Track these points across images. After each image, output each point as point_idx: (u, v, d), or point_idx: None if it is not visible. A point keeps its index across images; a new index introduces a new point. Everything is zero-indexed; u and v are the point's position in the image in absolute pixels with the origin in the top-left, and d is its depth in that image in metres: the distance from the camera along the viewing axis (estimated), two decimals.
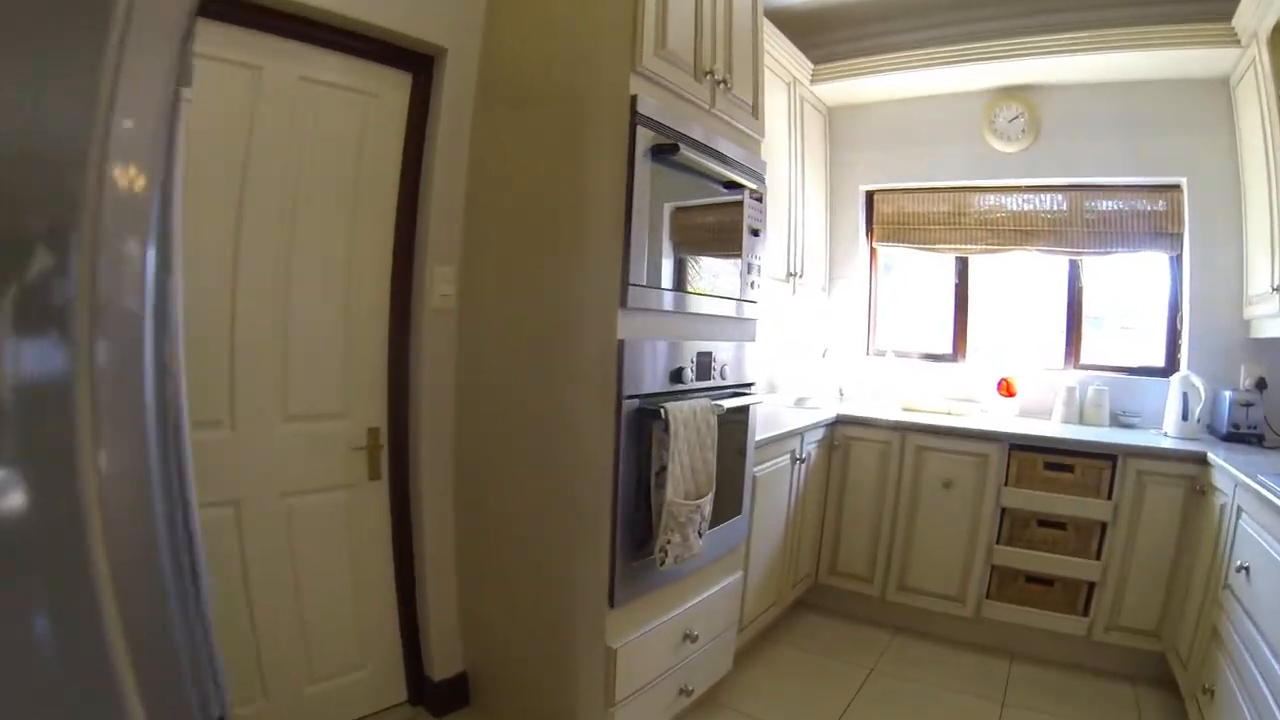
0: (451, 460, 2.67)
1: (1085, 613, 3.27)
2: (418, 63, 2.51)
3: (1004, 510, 3.46)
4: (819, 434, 3.66)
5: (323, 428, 2.39)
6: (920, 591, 3.65)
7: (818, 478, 3.71)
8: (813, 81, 4.17)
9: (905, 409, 4.07)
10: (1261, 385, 3.55)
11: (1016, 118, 4.06)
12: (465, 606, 2.71)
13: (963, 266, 4.43)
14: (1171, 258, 3.91)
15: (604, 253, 2.24)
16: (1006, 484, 3.43)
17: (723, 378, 2.69)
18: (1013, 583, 3.47)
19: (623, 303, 2.21)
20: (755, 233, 2.85)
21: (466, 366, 2.65)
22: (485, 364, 2.60)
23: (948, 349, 4.45)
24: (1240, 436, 3.43)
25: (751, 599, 3.16)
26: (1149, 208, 3.90)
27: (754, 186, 2.76)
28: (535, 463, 2.45)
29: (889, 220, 4.56)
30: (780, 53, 3.75)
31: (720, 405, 2.49)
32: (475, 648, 2.72)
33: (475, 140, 2.59)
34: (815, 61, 4.14)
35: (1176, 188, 3.82)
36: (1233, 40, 3.24)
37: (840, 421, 3.82)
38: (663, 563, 2.29)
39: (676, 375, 2.43)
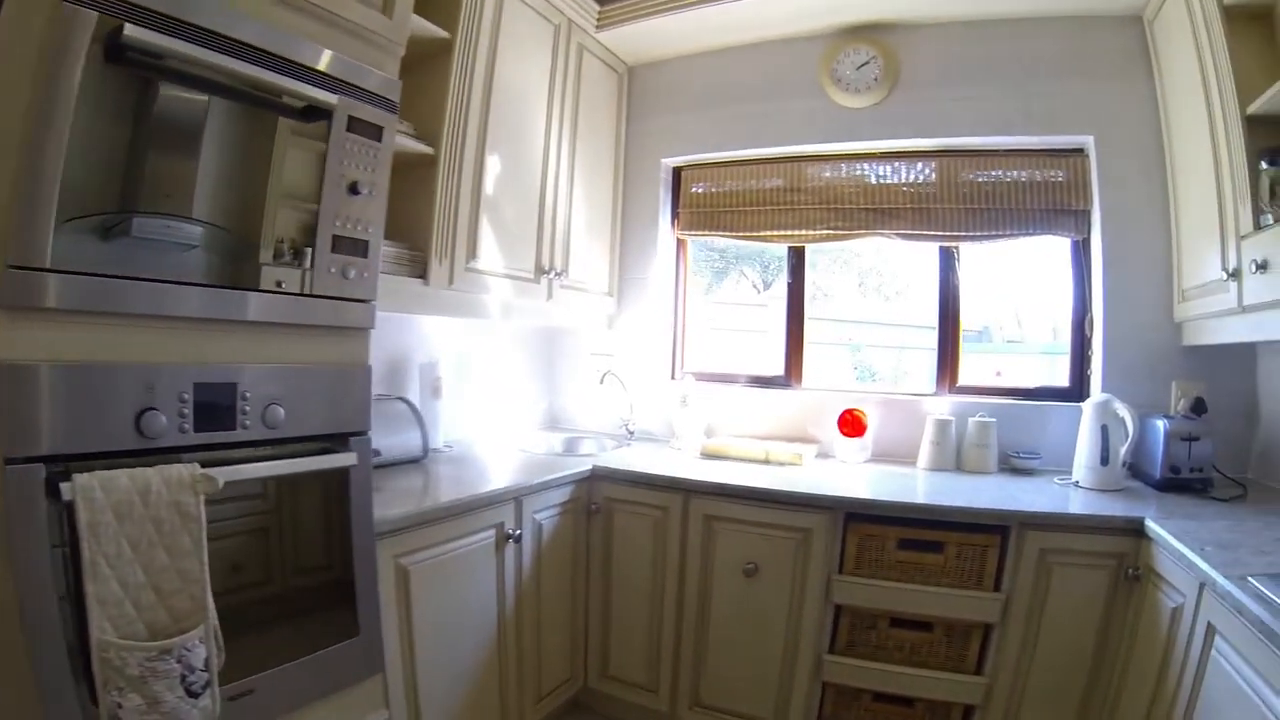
0: None
1: None
2: None
3: (840, 607, 2.24)
4: (561, 495, 2.41)
5: None
6: (722, 710, 2.40)
7: (560, 555, 2.47)
8: (600, 26, 2.98)
9: (707, 454, 2.82)
10: (1199, 409, 2.51)
11: (867, 63, 2.91)
12: None
13: (797, 260, 3.21)
14: (1075, 243, 2.80)
15: None
16: (841, 571, 2.20)
17: (269, 425, 1.51)
18: (854, 702, 2.27)
19: None
20: (354, 189, 1.66)
21: None
22: None
23: (780, 371, 3.23)
24: (1181, 484, 2.36)
25: None
26: (1045, 178, 2.78)
27: (352, 111, 1.62)
28: None
29: (700, 203, 3.27)
30: None
31: (213, 476, 1.34)
32: None
33: None
34: (602, 1, 2.98)
35: (1080, 151, 2.77)
36: None
37: (598, 476, 2.55)
38: None
39: (141, 423, 1.32)
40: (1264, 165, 1.95)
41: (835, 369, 3.56)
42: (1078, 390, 2.76)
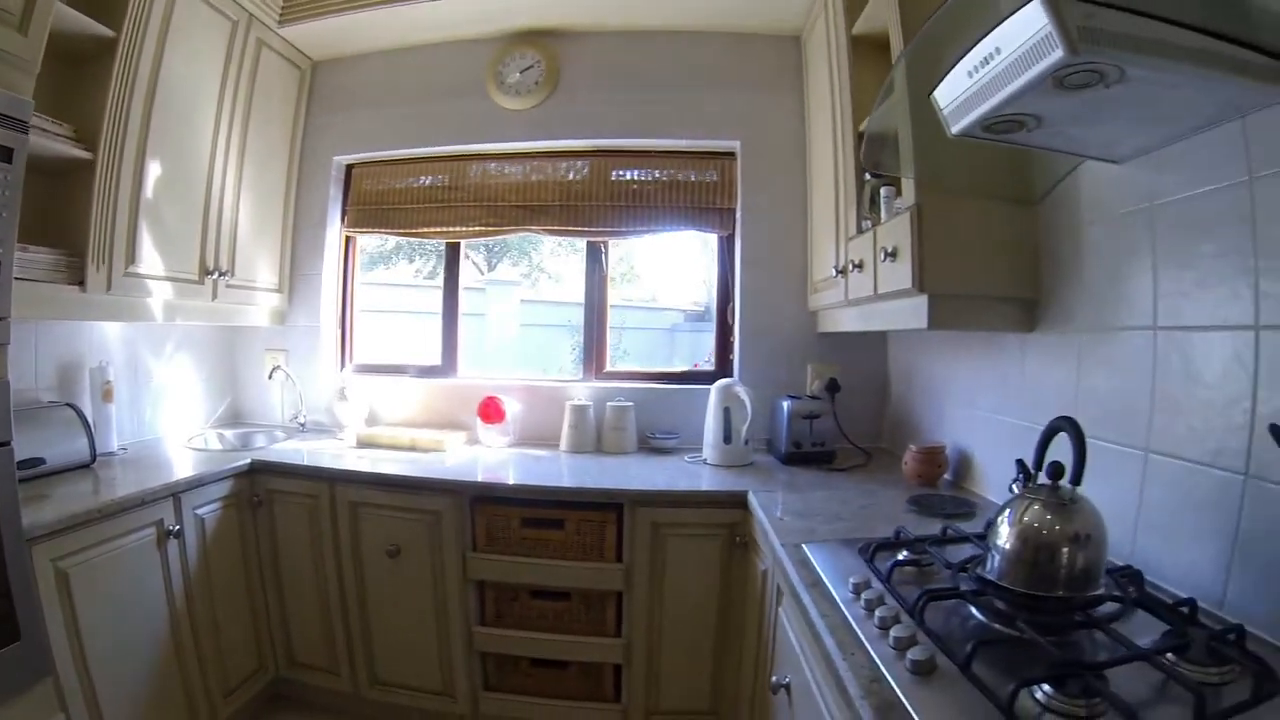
0: None
1: (617, 698, 2.39)
2: None
3: (482, 582, 2.41)
4: (222, 489, 2.42)
5: None
6: (398, 686, 2.51)
7: (229, 548, 2.46)
8: (283, 21, 2.92)
9: (362, 442, 2.89)
10: (834, 388, 2.83)
11: (530, 68, 2.99)
12: None
13: (453, 255, 3.26)
14: (723, 238, 3.03)
15: None
16: (475, 549, 2.36)
17: None
18: (514, 669, 2.45)
19: None
20: None
21: None
22: None
23: (440, 360, 3.29)
24: (805, 457, 2.64)
25: None
26: (695, 178, 2.97)
27: None
28: None
29: (368, 200, 3.25)
30: None
31: None
32: None
33: None
34: None
35: (731, 155, 2.98)
36: None
37: (258, 469, 2.56)
38: None
39: None
40: (868, 176, 2.18)
41: (558, 351, 3.73)
42: (722, 374, 2.98)
